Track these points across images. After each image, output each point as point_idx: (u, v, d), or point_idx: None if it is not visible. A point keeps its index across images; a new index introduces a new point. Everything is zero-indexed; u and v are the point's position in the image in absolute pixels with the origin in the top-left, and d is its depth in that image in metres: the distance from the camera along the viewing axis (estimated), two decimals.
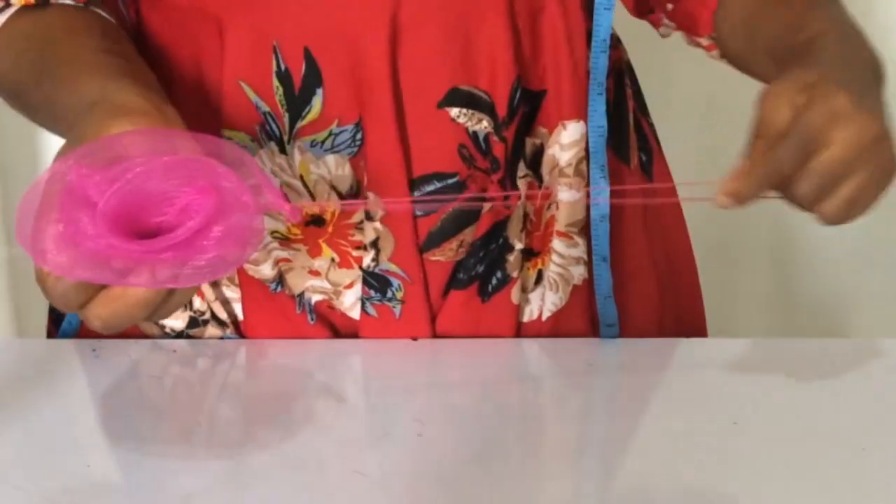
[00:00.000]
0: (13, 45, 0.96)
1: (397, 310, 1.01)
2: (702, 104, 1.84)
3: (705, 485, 0.85)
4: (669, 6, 1.05)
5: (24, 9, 0.96)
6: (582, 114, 1.02)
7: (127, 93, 0.85)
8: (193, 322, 1.04)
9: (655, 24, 1.09)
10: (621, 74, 1.10)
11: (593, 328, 1.06)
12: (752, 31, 0.99)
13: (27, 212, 0.78)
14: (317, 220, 1.00)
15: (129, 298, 0.77)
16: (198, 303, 1.04)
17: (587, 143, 1.02)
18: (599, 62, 1.01)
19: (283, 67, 0.96)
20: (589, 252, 1.04)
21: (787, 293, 1.91)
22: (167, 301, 0.79)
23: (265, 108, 0.98)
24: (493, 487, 0.84)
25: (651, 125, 1.14)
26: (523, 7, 0.98)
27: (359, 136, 0.97)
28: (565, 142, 1.02)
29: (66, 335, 1.07)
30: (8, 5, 0.97)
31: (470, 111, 0.98)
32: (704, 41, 1.05)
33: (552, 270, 1.04)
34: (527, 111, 1.00)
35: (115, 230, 0.77)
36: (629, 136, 1.09)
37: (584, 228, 1.04)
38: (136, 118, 0.81)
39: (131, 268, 0.77)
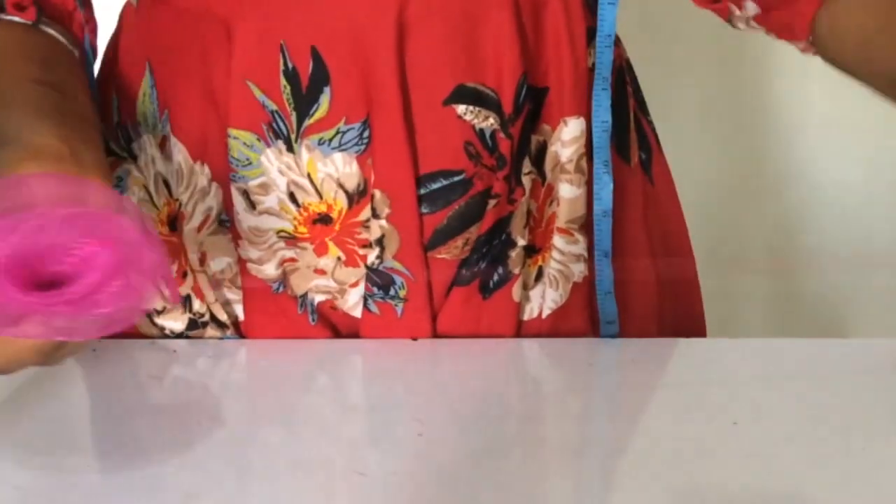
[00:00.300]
0: None
1: (399, 308, 1.01)
2: (702, 104, 1.84)
3: (705, 485, 0.85)
4: (754, 10, 1.05)
5: None
6: (582, 110, 1.02)
7: (44, 135, 0.85)
8: (193, 324, 1.04)
9: (722, 15, 1.08)
10: (622, 73, 1.10)
11: (593, 326, 1.06)
12: (870, 55, 0.98)
13: None
14: (324, 219, 1.00)
15: (21, 344, 0.79)
16: (197, 305, 1.04)
17: (588, 139, 1.02)
18: (604, 57, 1.01)
19: (290, 66, 0.97)
20: (589, 249, 1.05)
21: (787, 293, 1.91)
22: (61, 348, 0.80)
23: (272, 106, 0.98)
24: (493, 487, 0.84)
25: (651, 124, 1.14)
26: (527, 3, 0.98)
27: (366, 133, 0.97)
28: (566, 138, 1.02)
29: None
30: None
31: (476, 108, 0.98)
32: (800, 45, 1.05)
33: (552, 267, 1.04)
34: (532, 108, 1.00)
35: (12, 278, 0.77)
36: (629, 134, 1.09)
37: (585, 225, 1.04)
38: (46, 162, 0.82)
39: (25, 317, 0.77)
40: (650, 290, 1.10)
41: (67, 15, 1.00)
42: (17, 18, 0.97)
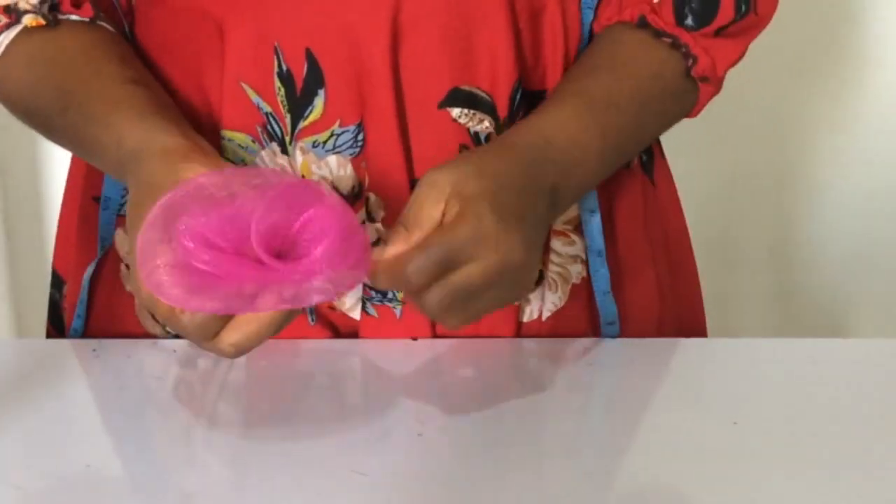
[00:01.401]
0: (32, 69, 0.97)
1: (398, 310, 1.01)
2: None
3: (705, 485, 0.85)
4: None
5: (34, 30, 0.97)
6: None
7: (169, 134, 0.89)
8: None
9: None
10: None
11: (593, 327, 1.06)
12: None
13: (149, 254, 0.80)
14: None
15: (261, 320, 0.82)
16: None
17: None
18: None
19: (284, 68, 0.96)
20: (586, 250, 1.04)
21: (787, 293, 1.91)
22: (290, 318, 0.83)
23: (267, 108, 0.98)
24: (493, 487, 0.84)
25: None
26: (524, 7, 0.98)
27: (360, 136, 0.97)
28: None
29: (74, 336, 1.07)
30: (17, 22, 0.97)
31: (471, 112, 0.98)
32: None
33: (551, 270, 1.04)
34: (527, 112, 1.00)
35: (264, 250, 0.80)
36: None
37: (580, 226, 1.04)
38: (195, 158, 0.86)
39: (262, 291, 0.80)
40: (650, 290, 1.10)
41: (110, 5, 1.01)
42: (75, 17, 0.97)
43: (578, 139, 0.94)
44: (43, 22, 0.97)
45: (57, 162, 1.76)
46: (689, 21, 1.00)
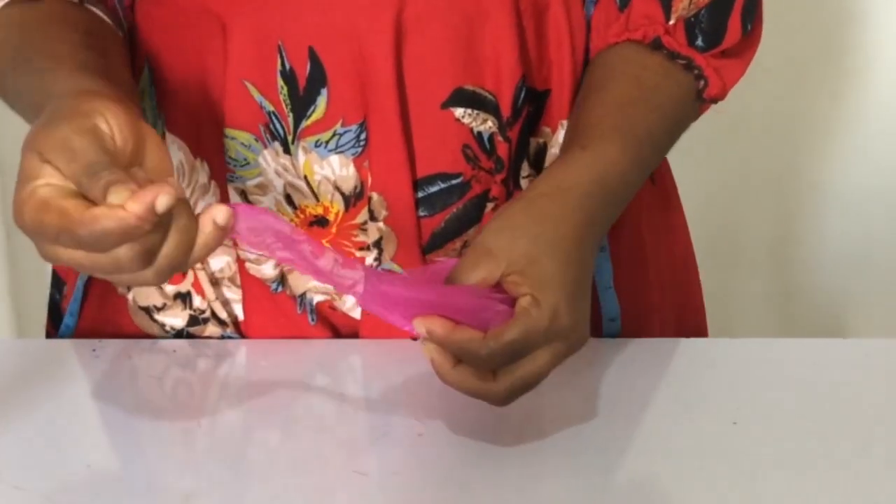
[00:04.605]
0: (2, 34, 0.96)
1: None
2: None
3: (705, 485, 0.85)
4: None
5: (17, 1, 0.97)
6: None
7: (94, 83, 0.86)
8: (193, 320, 1.04)
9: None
10: None
11: (594, 327, 1.06)
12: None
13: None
14: (320, 221, 1.00)
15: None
16: (198, 301, 1.04)
17: None
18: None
19: (287, 67, 0.96)
20: None
21: (787, 293, 1.91)
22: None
23: (269, 107, 0.98)
24: (493, 487, 0.84)
25: None
26: (528, 6, 0.98)
27: (363, 136, 0.97)
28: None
29: (65, 334, 1.07)
30: None
31: (475, 111, 0.98)
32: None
33: None
34: (531, 111, 1.00)
35: None
36: None
37: None
38: (105, 100, 0.81)
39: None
40: (651, 288, 1.10)
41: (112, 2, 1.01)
42: None
43: (628, 179, 0.95)
44: None
45: None
46: (700, 42, 0.99)
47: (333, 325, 1.03)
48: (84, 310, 1.07)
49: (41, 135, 0.80)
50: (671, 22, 0.99)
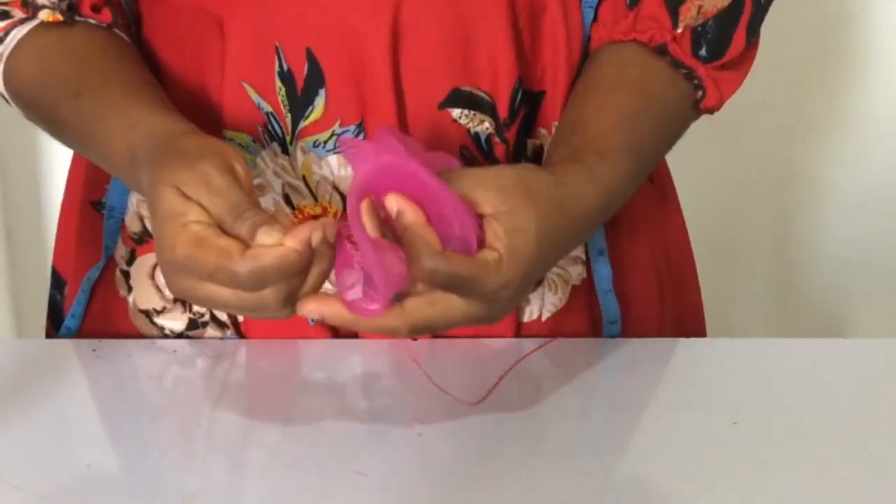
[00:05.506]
0: (44, 60, 0.97)
1: None
2: None
3: (705, 484, 0.85)
4: None
5: (49, 25, 0.97)
6: None
7: (186, 123, 0.89)
8: (193, 324, 1.04)
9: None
10: None
11: (594, 328, 1.06)
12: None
13: None
14: None
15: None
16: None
17: None
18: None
19: (285, 68, 0.96)
20: (587, 251, 1.04)
21: (787, 293, 1.91)
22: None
23: (267, 108, 0.98)
24: (493, 487, 0.84)
25: None
26: (524, 8, 0.98)
27: (361, 136, 0.97)
28: None
29: (65, 336, 1.07)
30: (34, 17, 0.97)
31: (471, 112, 0.98)
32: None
33: (552, 271, 1.04)
34: (528, 112, 1.00)
35: None
36: None
37: None
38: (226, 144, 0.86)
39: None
40: (650, 289, 1.10)
41: (121, 13, 1.01)
42: (93, 20, 0.98)
43: (627, 193, 0.96)
44: (60, 18, 0.97)
45: (57, 162, 1.76)
46: (703, 52, 0.99)
47: (333, 326, 1.03)
48: (85, 312, 1.07)
49: (180, 171, 0.83)
50: (679, 30, 0.99)
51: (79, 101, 0.94)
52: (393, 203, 0.82)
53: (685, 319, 1.13)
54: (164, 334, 1.05)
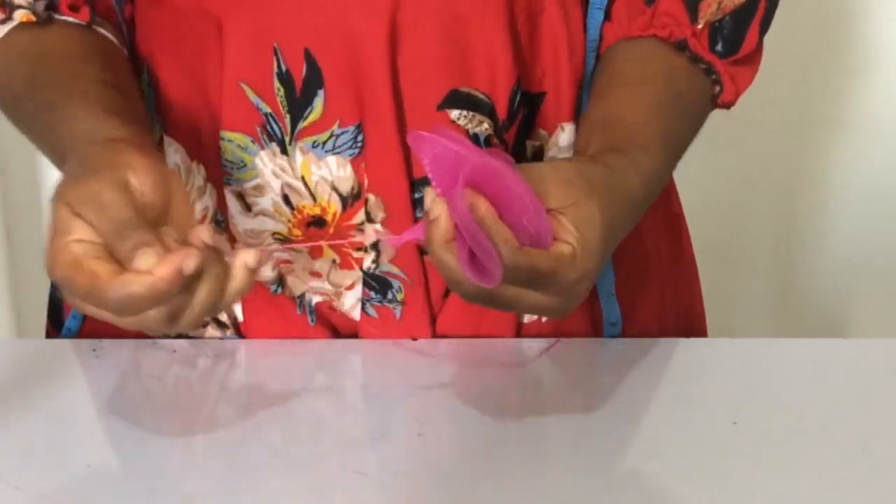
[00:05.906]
0: (13, 60, 0.97)
1: (398, 311, 1.01)
2: None
3: (705, 484, 0.85)
4: None
5: (26, 25, 0.97)
6: (578, 116, 1.02)
7: (118, 131, 0.88)
8: None
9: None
10: None
11: (594, 328, 1.06)
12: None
13: None
14: (318, 222, 1.00)
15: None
16: None
17: None
18: (591, 62, 1.01)
19: (283, 68, 0.96)
20: None
21: (787, 293, 1.91)
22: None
23: (266, 109, 0.98)
24: (494, 487, 0.84)
25: None
26: (522, 9, 0.98)
27: (360, 137, 0.97)
28: (563, 144, 1.02)
29: (66, 336, 1.07)
30: (10, 19, 0.97)
31: (470, 113, 0.98)
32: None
33: None
34: (527, 113, 1.00)
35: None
36: None
37: None
38: (136, 154, 0.84)
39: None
40: (651, 290, 1.10)
41: (111, 13, 1.01)
42: (71, 19, 0.98)
43: (664, 185, 0.98)
44: (33, 18, 0.97)
45: None
46: (719, 47, 1.00)
47: (333, 326, 1.03)
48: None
49: (72, 187, 0.82)
50: (699, 26, 0.99)
51: (28, 102, 0.95)
52: (467, 197, 0.82)
53: (686, 319, 1.14)
54: (164, 334, 1.05)
